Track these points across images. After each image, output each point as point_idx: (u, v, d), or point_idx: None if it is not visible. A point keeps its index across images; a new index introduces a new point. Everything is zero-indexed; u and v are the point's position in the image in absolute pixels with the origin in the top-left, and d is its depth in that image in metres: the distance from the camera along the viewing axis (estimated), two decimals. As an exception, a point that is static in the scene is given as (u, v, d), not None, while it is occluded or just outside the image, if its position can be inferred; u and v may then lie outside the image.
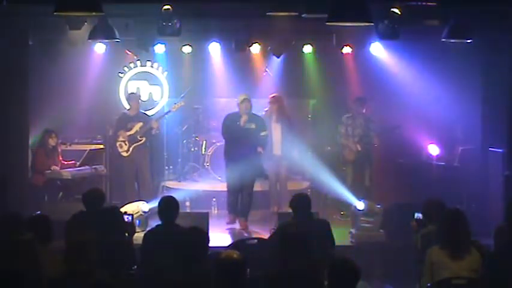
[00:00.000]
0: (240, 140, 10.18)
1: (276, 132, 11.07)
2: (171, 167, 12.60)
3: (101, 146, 11.55)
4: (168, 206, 6.73)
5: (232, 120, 10.29)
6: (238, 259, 4.93)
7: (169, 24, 9.02)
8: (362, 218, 9.49)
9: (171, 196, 6.94)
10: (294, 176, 11.86)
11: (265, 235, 8.04)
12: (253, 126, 10.20)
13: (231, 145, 10.39)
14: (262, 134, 10.28)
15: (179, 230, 6.44)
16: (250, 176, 10.26)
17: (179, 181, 12.14)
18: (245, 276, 5.01)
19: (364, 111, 11.19)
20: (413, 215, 7.27)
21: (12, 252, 5.44)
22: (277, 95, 11.21)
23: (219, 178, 11.60)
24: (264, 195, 11.63)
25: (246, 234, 9.98)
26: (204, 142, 12.25)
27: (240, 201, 10.37)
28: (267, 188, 11.62)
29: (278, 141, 11.06)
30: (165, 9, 8.78)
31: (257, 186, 11.67)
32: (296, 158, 11.33)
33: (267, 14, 8.56)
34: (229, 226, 10.31)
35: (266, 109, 11.36)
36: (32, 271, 5.31)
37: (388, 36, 9.26)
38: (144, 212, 9.37)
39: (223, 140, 10.68)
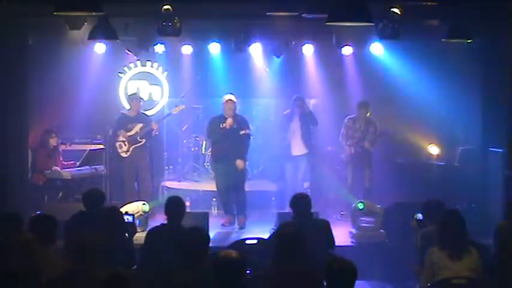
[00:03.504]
0: (222, 142, 10.32)
1: (296, 133, 11.08)
2: (171, 167, 12.59)
3: (101, 146, 11.53)
4: (177, 207, 6.74)
5: (215, 123, 10.40)
6: (237, 259, 4.93)
7: (169, 24, 9.01)
8: (362, 218, 9.50)
9: (179, 197, 6.93)
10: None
11: (265, 235, 8.03)
12: (234, 126, 10.26)
13: (215, 147, 10.59)
14: (242, 132, 10.32)
15: (180, 229, 6.45)
16: (236, 176, 10.30)
17: (179, 181, 12.14)
18: (244, 275, 5.02)
19: (368, 114, 11.19)
20: (413, 215, 7.28)
21: (11, 252, 5.43)
22: (300, 97, 11.21)
23: (219, 178, 11.60)
24: (264, 195, 11.64)
25: (243, 231, 10.06)
26: (204, 142, 12.24)
27: (234, 202, 10.43)
28: (266, 188, 11.63)
29: (299, 143, 11.07)
30: (165, 9, 8.77)
31: (258, 187, 11.71)
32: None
33: (267, 14, 8.55)
34: (225, 228, 10.32)
35: (287, 112, 11.33)
36: (31, 271, 5.31)
37: (388, 36, 9.26)
38: (145, 212, 9.38)
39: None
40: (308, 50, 11.74)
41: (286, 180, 11.34)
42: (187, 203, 11.31)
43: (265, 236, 7.83)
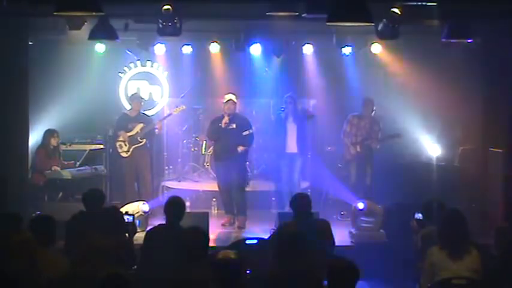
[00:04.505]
0: (222, 141, 10.41)
1: (291, 131, 11.04)
2: (171, 167, 12.60)
3: (101, 146, 11.55)
4: (176, 206, 6.74)
5: (215, 123, 10.45)
6: (235, 259, 4.93)
7: (169, 24, 9.02)
8: (362, 218, 9.50)
9: (179, 197, 6.94)
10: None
11: (265, 235, 8.03)
12: (233, 126, 10.30)
13: (216, 146, 10.72)
14: (245, 133, 10.35)
15: (180, 230, 6.44)
16: (236, 176, 10.33)
17: (179, 181, 12.14)
18: (243, 275, 5.02)
19: (372, 113, 11.17)
20: (413, 215, 7.27)
21: (11, 253, 5.43)
22: (291, 95, 11.18)
23: (219, 178, 11.60)
24: (264, 195, 11.63)
25: (243, 231, 10.07)
26: (204, 142, 12.24)
27: (234, 202, 10.44)
28: (266, 188, 11.62)
29: (293, 140, 11.02)
30: (165, 9, 8.77)
31: (258, 187, 11.70)
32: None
33: (267, 14, 8.55)
34: (225, 228, 10.33)
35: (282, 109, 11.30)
36: (31, 271, 5.30)
37: (388, 36, 9.26)
38: (145, 212, 9.38)
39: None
40: (308, 50, 11.74)
41: (281, 179, 11.29)
42: (187, 203, 11.32)
43: (265, 236, 7.83)
